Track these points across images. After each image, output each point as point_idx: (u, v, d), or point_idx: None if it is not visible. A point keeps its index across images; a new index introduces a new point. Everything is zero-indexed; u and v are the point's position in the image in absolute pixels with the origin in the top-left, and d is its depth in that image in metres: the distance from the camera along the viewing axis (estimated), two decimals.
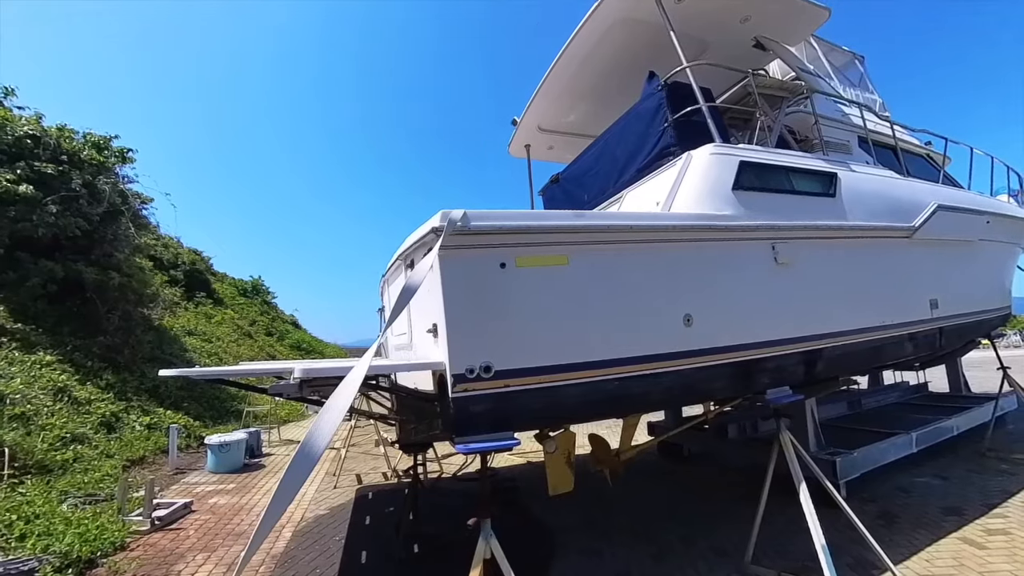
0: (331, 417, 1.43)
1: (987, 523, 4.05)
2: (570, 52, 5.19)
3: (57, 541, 4.04)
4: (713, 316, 2.95)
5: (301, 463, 1.36)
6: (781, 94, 4.75)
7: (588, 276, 2.62)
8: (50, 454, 5.86)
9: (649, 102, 4.04)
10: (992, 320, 6.01)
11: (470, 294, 2.35)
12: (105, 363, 8.85)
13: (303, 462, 1.36)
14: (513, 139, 6.85)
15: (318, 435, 1.40)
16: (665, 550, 3.87)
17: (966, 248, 5.28)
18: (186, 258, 17.65)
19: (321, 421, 1.40)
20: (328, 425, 1.42)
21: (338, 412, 1.45)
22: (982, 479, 5.09)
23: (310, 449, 1.37)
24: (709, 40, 5.08)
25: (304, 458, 1.36)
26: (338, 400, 1.51)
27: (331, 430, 1.45)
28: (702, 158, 3.33)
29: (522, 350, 2.40)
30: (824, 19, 4.89)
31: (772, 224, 3.30)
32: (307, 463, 1.37)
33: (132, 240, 10.81)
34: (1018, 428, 6.62)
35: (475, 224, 2.32)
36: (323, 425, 1.40)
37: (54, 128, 9.67)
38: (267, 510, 1.31)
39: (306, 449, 1.38)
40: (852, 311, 3.80)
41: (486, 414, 2.31)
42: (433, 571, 3.74)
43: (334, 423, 1.43)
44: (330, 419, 1.42)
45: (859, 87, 6.34)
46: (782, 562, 3.47)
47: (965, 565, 3.40)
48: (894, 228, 4.27)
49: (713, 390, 3.29)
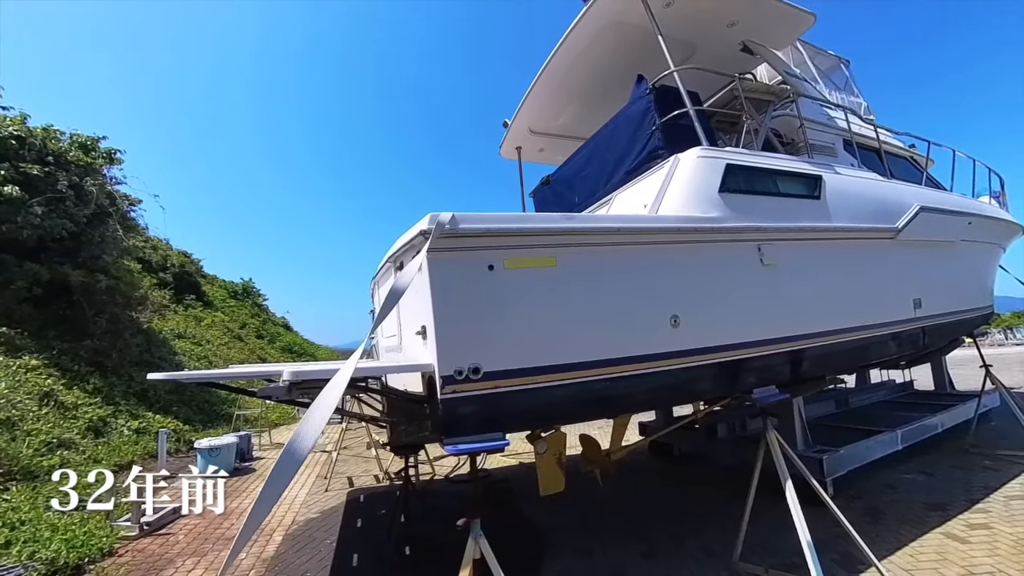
0: (317, 419, 1.44)
1: (970, 518, 4.13)
2: (560, 55, 5.23)
3: (43, 548, 4.00)
4: (700, 317, 2.99)
5: (286, 464, 1.37)
6: (767, 98, 4.82)
7: (576, 278, 2.64)
8: (36, 460, 5.79)
9: (637, 105, 4.08)
10: (975, 319, 6.12)
11: (458, 296, 2.36)
12: (92, 367, 8.74)
13: (288, 463, 1.38)
14: (504, 141, 6.88)
15: (304, 436, 1.41)
16: (656, 549, 3.90)
17: (948, 248, 5.38)
18: (175, 260, 17.48)
19: (307, 423, 1.42)
20: (314, 427, 1.43)
21: (323, 414, 1.46)
22: (965, 475, 5.19)
23: (295, 450, 1.38)
24: (697, 44, 5.15)
25: (289, 459, 1.38)
26: (324, 401, 1.52)
27: (316, 431, 1.46)
28: (689, 161, 3.37)
29: (511, 351, 2.42)
30: (809, 24, 4.97)
31: (758, 226, 3.34)
32: (292, 464, 1.38)
33: (120, 242, 10.69)
34: (1001, 425, 6.72)
35: (463, 227, 2.34)
36: (309, 426, 1.41)
37: (40, 129, 9.54)
38: (252, 510, 1.32)
39: (291, 450, 1.39)
40: (837, 311, 3.86)
41: (475, 415, 2.32)
42: (424, 572, 3.74)
43: (319, 425, 1.45)
44: (315, 421, 1.43)
45: (844, 91, 6.44)
46: (770, 559, 3.52)
47: (948, 559, 3.47)
48: (878, 229, 4.35)
49: (700, 390, 3.33)
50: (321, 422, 1.47)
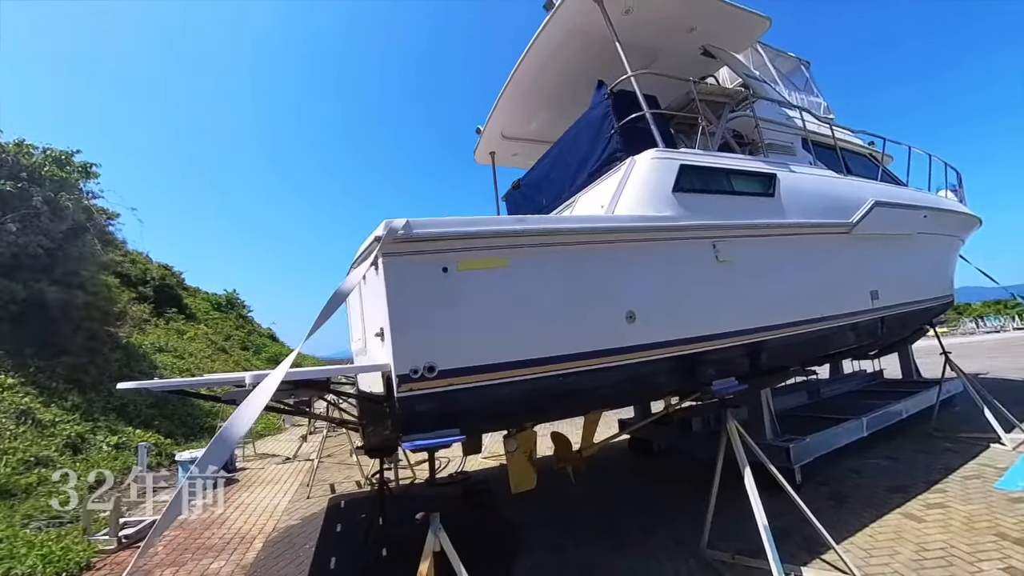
0: (248, 410, 1.56)
1: (928, 498, 4.30)
2: (527, 62, 5.36)
3: (19, 564, 3.99)
4: (655, 313, 3.11)
5: (216, 450, 1.50)
6: (722, 100, 4.99)
7: (529, 277, 2.75)
8: (13, 478, 5.74)
9: (598, 110, 4.21)
10: (934, 308, 6.35)
11: (414, 298, 2.45)
12: (70, 384, 8.64)
13: (219, 449, 1.50)
14: (478, 147, 6.99)
15: (236, 424, 1.55)
16: (626, 541, 4.00)
17: (905, 241, 5.59)
18: (155, 273, 17.29)
19: (239, 413, 1.54)
20: (245, 416, 1.55)
21: (255, 405, 1.61)
22: (928, 458, 5.38)
23: (227, 437, 1.50)
24: (659, 48, 5.32)
25: (219, 446, 1.50)
26: (257, 396, 1.66)
27: (248, 421, 1.61)
28: (644, 162, 3.50)
29: (465, 350, 2.51)
30: (765, 28, 5.17)
31: (712, 224, 3.49)
32: (223, 450, 1.50)
33: (98, 257, 10.62)
34: (965, 409, 6.94)
35: (417, 232, 2.44)
36: (240, 416, 1.53)
37: (12, 144, 9.45)
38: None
39: (223, 436, 1.51)
40: (794, 304, 4.01)
41: (431, 412, 2.41)
42: (400, 573, 3.80)
43: (251, 416, 1.56)
44: (247, 411, 1.55)
45: (804, 91, 6.66)
46: (737, 545, 3.63)
47: (903, 538, 3.62)
48: (833, 224, 4.52)
49: (659, 384, 3.44)
50: (252, 414, 1.61)
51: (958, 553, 3.32)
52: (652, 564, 3.61)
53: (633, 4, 4.54)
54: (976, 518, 3.81)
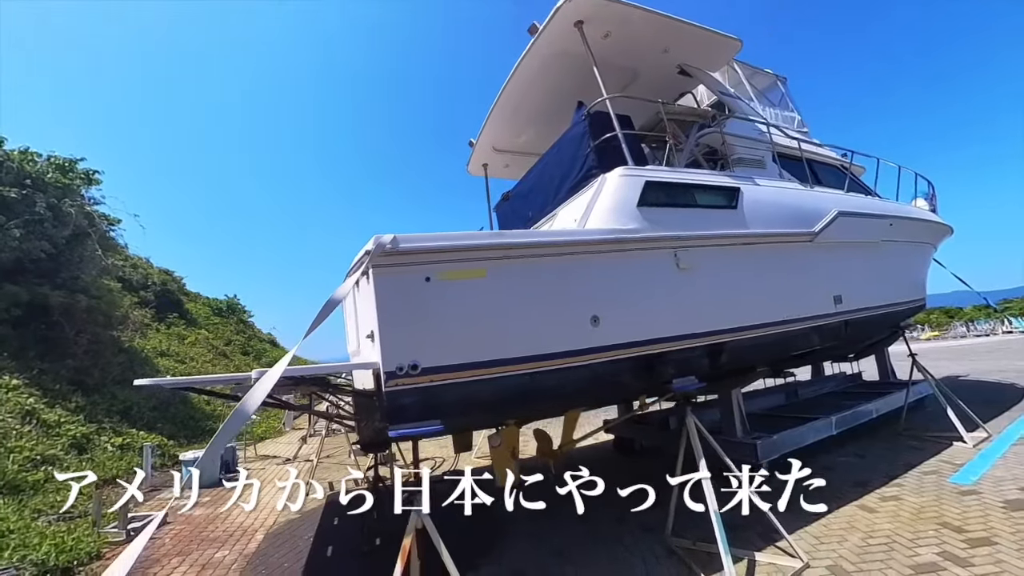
0: (251, 400, 1.94)
1: (884, 492, 4.60)
2: (515, 81, 5.68)
3: (34, 551, 4.26)
4: (618, 317, 3.42)
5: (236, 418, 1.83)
6: (691, 119, 5.32)
7: (504, 286, 3.07)
8: (20, 475, 6.00)
9: (577, 129, 4.54)
10: (903, 311, 6.67)
11: (400, 304, 2.78)
12: (74, 386, 8.91)
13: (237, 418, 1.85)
14: (471, 159, 7.30)
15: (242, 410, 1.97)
16: (600, 528, 4.29)
17: (872, 248, 5.91)
18: (156, 278, 17.56)
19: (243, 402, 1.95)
20: (249, 404, 1.96)
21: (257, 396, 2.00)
22: (893, 454, 5.69)
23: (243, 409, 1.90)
24: (639, 68, 5.65)
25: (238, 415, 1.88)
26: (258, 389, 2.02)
27: (251, 407, 1.99)
28: (613, 179, 3.82)
29: (445, 350, 2.83)
30: (737, 49, 5.51)
31: (672, 235, 3.80)
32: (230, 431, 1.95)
33: (99, 262, 10.87)
34: (936, 410, 7.24)
35: (403, 246, 2.76)
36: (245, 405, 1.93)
37: (16, 152, 9.73)
38: (214, 440, 1.90)
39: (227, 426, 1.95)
40: (754, 308, 4.31)
41: (415, 405, 2.73)
42: (391, 557, 4.09)
43: (253, 405, 1.97)
44: (250, 401, 1.94)
45: (779, 106, 7.00)
46: (699, 532, 3.92)
47: (854, 527, 3.92)
48: (795, 234, 4.84)
49: (622, 382, 3.74)
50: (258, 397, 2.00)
51: (901, 540, 3.62)
52: (619, 549, 3.91)
53: (611, 28, 4.86)
54: (925, 509, 4.10)
